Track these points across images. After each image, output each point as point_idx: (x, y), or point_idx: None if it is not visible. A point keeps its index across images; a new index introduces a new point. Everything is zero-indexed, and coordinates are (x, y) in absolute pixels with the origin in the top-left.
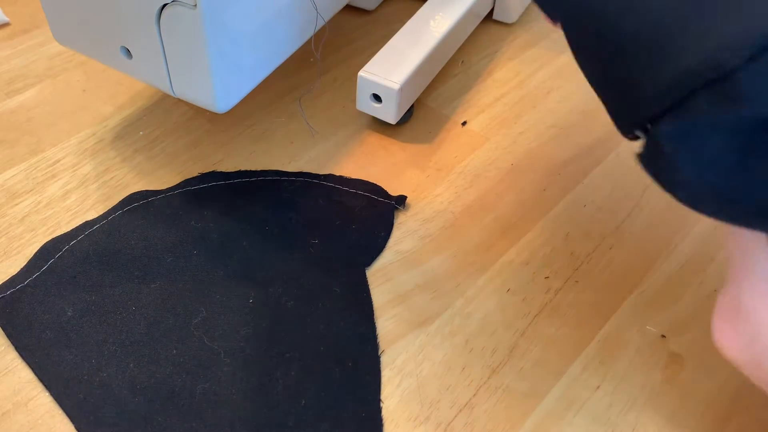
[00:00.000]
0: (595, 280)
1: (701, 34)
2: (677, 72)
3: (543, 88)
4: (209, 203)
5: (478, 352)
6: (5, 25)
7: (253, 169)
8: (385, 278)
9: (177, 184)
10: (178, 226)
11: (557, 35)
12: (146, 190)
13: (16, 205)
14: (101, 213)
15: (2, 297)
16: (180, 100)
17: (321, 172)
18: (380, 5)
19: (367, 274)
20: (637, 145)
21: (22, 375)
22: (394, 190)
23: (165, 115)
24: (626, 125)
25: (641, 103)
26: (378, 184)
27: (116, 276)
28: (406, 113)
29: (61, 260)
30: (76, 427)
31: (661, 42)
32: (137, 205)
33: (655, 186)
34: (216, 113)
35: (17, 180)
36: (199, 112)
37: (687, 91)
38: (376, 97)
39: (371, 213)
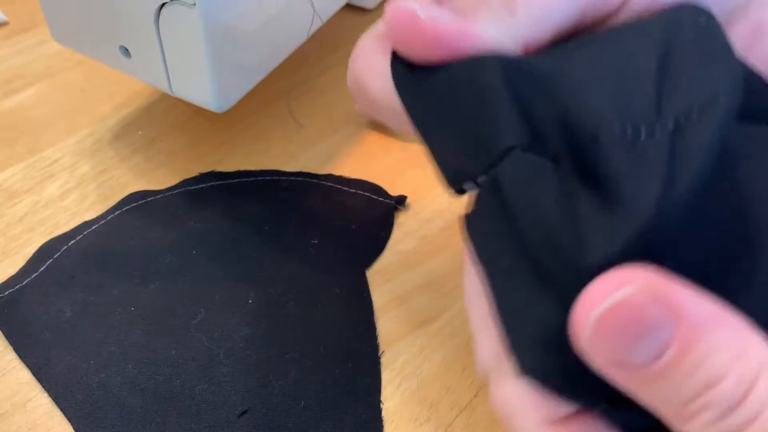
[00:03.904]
0: None
1: None
2: None
3: None
4: (208, 203)
5: None
6: (4, 24)
7: (252, 168)
8: (385, 278)
9: (176, 184)
10: (177, 227)
11: None
12: (145, 190)
13: (15, 205)
14: (100, 213)
15: (0, 297)
16: (179, 100)
17: (320, 172)
18: (380, 4)
19: (367, 274)
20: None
21: (21, 376)
22: (394, 190)
23: (164, 115)
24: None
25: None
26: (378, 183)
27: (115, 276)
28: None
29: (59, 260)
30: (75, 428)
31: None
32: (136, 205)
33: None
34: (215, 113)
35: (15, 180)
36: (198, 111)
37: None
38: None
39: (371, 213)
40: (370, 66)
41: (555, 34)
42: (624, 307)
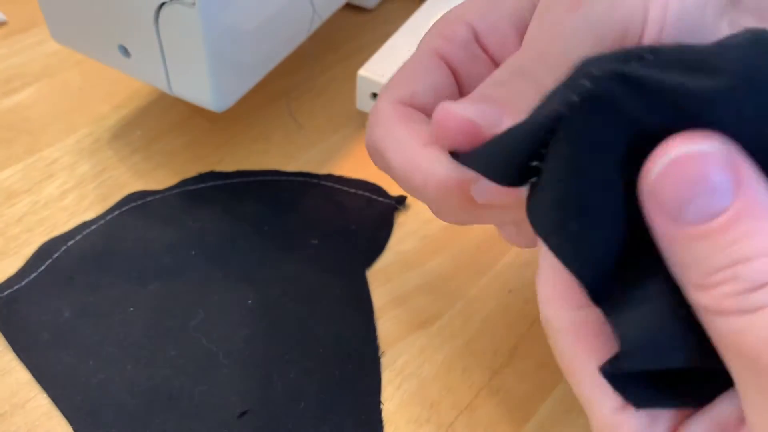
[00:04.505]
0: None
1: None
2: None
3: None
4: (208, 203)
5: (480, 353)
6: (2, 23)
7: (252, 168)
8: (385, 279)
9: (175, 184)
10: (177, 227)
11: None
12: (144, 191)
13: (14, 205)
14: (99, 213)
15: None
16: (178, 99)
17: (320, 172)
18: (380, 3)
19: (367, 274)
20: None
21: (20, 376)
22: (394, 190)
23: (163, 114)
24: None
25: None
26: (378, 183)
27: (114, 277)
28: None
29: (58, 261)
30: (75, 429)
31: None
32: (135, 205)
33: None
34: (214, 112)
35: (14, 180)
36: (198, 111)
37: None
38: (376, 96)
39: (371, 213)
40: (390, 138)
41: None
42: (697, 158)
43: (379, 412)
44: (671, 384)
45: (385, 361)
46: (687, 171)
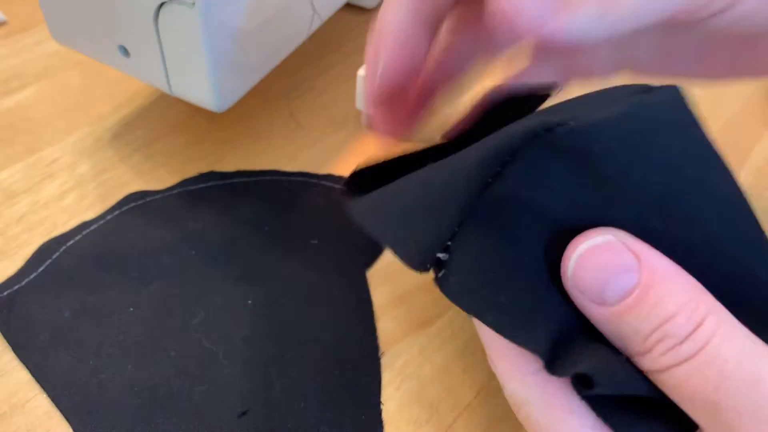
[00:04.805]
0: None
1: None
2: None
3: None
4: (208, 203)
5: (480, 354)
6: (2, 23)
7: (252, 168)
8: (385, 279)
9: (175, 184)
10: (177, 227)
11: None
12: (144, 191)
13: (13, 205)
14: (99, 213)
15: None
16: (178, 99)
17: (320, 172)
18: (380, 3)
19: (367, 274)
20: None
21: (20, 376)
22: None
23: (163, 114)
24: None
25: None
26: None
27: (114, 277)
28: None
29: (58, 261)
30: (74, 429)
31: None
32: (135, 205)
33: None
34: (215, 112)
35: (14, 180)
36: (198, 111)
37: None
38: None
39: None
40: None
41: (647, 27)
42: (602, 247)
43: (379, 412)
44: (652, 414)
45: (385, 362)
46: (597, 260)
